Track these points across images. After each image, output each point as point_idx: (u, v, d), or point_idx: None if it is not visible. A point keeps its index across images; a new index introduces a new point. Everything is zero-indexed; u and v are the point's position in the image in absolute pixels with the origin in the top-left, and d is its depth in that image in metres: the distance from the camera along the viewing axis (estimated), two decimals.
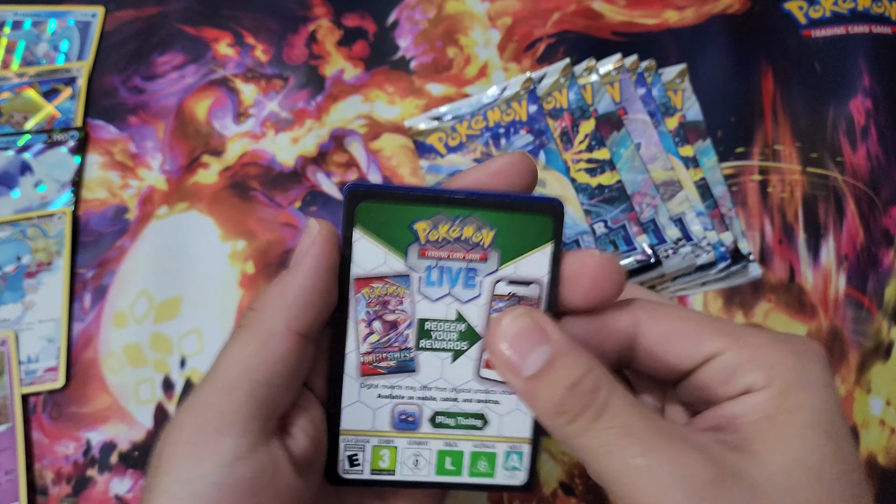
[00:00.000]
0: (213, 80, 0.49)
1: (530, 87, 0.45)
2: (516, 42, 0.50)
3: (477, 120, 0.45)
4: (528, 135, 0.44)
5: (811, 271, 0.43)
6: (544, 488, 0.38)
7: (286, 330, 0.22)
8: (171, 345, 0.42)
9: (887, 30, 0.49)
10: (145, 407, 0.41)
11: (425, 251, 0.23)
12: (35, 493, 0.39)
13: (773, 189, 0.45)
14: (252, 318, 0.22)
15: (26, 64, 0.50)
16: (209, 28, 0.51)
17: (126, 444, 0.40)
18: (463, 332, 0.24)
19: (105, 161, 0.47)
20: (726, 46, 0.49)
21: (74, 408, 0.41)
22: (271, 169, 0.46)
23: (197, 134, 0.48)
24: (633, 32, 0.50)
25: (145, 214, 0.45)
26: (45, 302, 0.42)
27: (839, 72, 0.48)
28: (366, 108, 0.48)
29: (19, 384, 0.40)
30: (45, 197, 0.45)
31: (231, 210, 0.45)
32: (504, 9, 0.51)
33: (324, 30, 0.51)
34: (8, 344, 0.41)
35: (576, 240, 0.40)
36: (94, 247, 0.44)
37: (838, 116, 0.46)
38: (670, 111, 0.45)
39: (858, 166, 0.45)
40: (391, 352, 0.24)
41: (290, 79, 0.49)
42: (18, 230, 0.44)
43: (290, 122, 0.48)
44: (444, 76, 0.49)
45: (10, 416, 0.40)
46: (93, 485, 0.39)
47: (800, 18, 0.50)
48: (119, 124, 0.48)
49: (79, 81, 0.49)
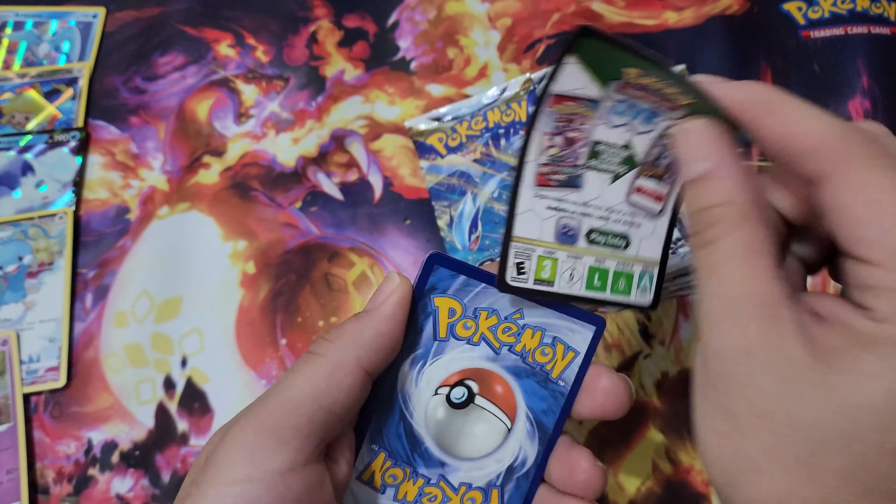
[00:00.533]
0: (213, 80, 0.49)
1: (530, 88, 0.45)
2: (516, 43, 0.50)
3: (477, 120, 0.45)
4: None
5: None
6: None
7: (356, 365, 0.24)
8: (172, 344, 0.42)
9: (886, 30, 0.49)
10: (146, 406, 0.41)
11: (624, 88, 0.24)
12: (36, 493, 0.39)
13: None
14: (325, 348, 0.24)
15: (28, 64, 0.50)
16: (210, 29, 0.51)
17: (127, 443, 0.40)
18: (626, 158, 0.26)
19: (106, 161, 0.47)
20: (725, 47, 0.49)
21: (76, 407, 0.41)
22: (272, 169, 0.46)
23: (198, 134, 0.48)
24: (633, 33, 0.50)
25: (146, 214, 0.45)
26: (47, 302, 0.42)
27: (838, 72, 0.48)
28: (366, 109, 0.48)
29: (21, 384, 0.40)
30: (47, 197, 0.46)
31: (232, 210, 0.45)
32: (504, 10, 0.51)
33: (324, 30, 0.51)
34: (9, 343, 0.41)
35: None
36: (96, 247, 0.44)
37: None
38: None
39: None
40: (564, 166, 0.26)
41: (291, 79, 0.49)
42: (20, 230, 0.44)
43: (290, 123, 0.48)
44: (445, 77, 0.49)
45: (12, 416, 0.40)
46: (94, 484, 0.39)
47: (798, 19, 0.50)
48: (120, 125, 0.48)
49: (80, 82, 0.49)
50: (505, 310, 0.28)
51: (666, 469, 0.39)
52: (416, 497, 0.28)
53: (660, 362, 0.41)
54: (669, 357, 0.41)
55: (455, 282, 0.27)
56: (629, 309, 0.30)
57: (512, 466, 0.28)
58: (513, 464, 0.28)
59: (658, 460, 0.39)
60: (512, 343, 0.28)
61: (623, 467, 0.39)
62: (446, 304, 0.28)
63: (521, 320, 0.28)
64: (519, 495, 0.28)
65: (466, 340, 0.28)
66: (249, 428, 0.23)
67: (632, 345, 0.41)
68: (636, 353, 0.41)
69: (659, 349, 0.41)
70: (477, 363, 0.28)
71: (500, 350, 0.28)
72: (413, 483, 0.28)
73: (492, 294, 0.28)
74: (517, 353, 0.28)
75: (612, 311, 0.41)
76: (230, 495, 0.21)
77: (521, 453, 0.28)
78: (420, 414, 0.28)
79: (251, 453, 0.22)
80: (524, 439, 0.28)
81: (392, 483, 0.28)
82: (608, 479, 0.30)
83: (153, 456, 0.40)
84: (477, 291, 0.28)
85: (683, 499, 0.38)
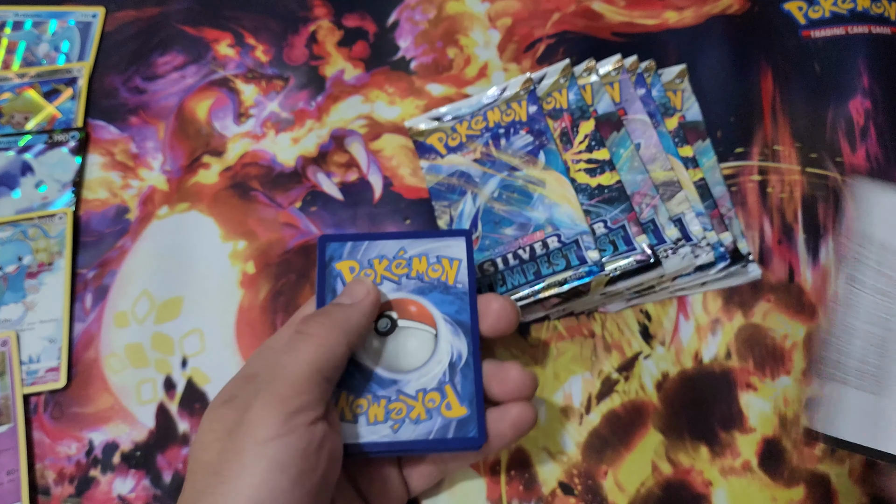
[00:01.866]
0: (213, 80, 0.49)
1: (530, 88, 0.45)
2: (516, 43, 0.50)
3: (477, 120, 0.45)
4: (527, 135, 0.44)
5: (810, 271, 0.43)
6: (543, 488, 0.38)
7: (346, 346, 0.31)
8: (173, 345, 0.42)
9: (886, 30, 0.49)
10: (147, 407, 0.41)
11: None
12: (37, 494, 0.39)
13: (772, 189, 0.45)
14: (317, 328, 0.31)
15: (27, 64, 0.50)
16: (210, 28, 0.51)
17: (128, 443, 0.40)
18: None
19: (106, 161, 0.47)
20: (726, 47, 0.49)
21: (76, 408, 0.41)
22: (272, 169, 0.46)
23: (197, 134, 0.48)
24: (633, 33, 0.50)
25: (146, 214, 0.45)
26: (47, 302, 0.42)
27: (838, 72, 0.48)
28: (366, 109, 0.48)
29: (21, 384, 0.40)
30: (46, 197, 0.46)
31: (232, 210, 0.45)
32: (504, 9, 0.51)
33: (324, 30, 0.51)
34: (9, 344, 0.41)
35: (575, 240, 0.40)
36: (95, 247, 0.44)
37: (837, 117, 0.47)
38: (670, 111, 0.45)
39: (858, 167, 0.45)
40: None
41: (291, 79, 0.49)
42: (19, 230, 0.44)
43: (290, 123, 0.48)
44: (445, 77, 0.49)
45: (12, 417, 0.40)
46: (96, 485, 0.39)
47: (799, 19, 0.50)
48: (120, 125, 0.48)
49: (79, 82, 0.49)
50: (390, 252, 0.36)
51: (666, 469, 0.39)
52: (385, 416, 0.32)
53: (660, 363, 0.41)
54: (669, 357, 0.41)
55: (345, 248, 0.36)
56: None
57: (452, 362, 0.34)
58: (451, 360, 0.34)
59: (658, 461, 0.39)
60: (407, 272, 0.35)
61: (623, 467, 0.39)
62: (346, 265, 0.35)
63: (406, 254, 0.36)
64: (468, 382, 0.33)
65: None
66: (272, 396, 0.28)
67: (632, 345, 0.41)
68: (636, 354, 0.41)
69: (659, 349, 0.41)
70: (388, 296, 0.35)
71: (400, 280, 0.35)
72: (378, 405, 0.33)
73: (376, 246, 0.36)
74: (414, 278, 0.35)
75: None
76: (274, 446, 0.27)
77: (453, 350, 0.34)
78: (361, 350, 0.34)
79: (281, 414, 0.27)
80: (451, 338, 0.34)
81: (361, 412, 0.32)
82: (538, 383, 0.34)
83: (154, 456, 0.40)
84: (364, 247, 0.36)
85: (683, 499, 0.38)
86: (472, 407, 0.33)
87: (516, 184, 0.42)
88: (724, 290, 0.43)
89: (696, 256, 0.40)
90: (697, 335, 0.41)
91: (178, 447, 0.40)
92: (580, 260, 0.39)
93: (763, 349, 0.41)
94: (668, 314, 0.42)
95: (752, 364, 0.41)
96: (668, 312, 0.42)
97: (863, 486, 0.38)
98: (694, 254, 0.40)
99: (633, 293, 0.42)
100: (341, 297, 0.34)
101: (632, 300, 0.42)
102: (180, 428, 0.40)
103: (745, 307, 0.42)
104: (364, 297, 0.33)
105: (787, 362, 0.41)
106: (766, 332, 0.41)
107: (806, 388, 0.40)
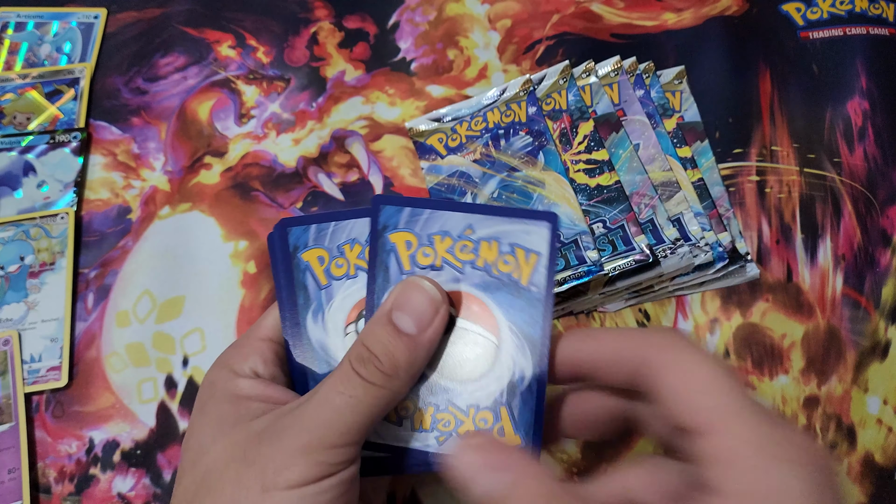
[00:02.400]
0: (214, 81, 0.49)
1: (530, 89, 0.45)
2: (516, 44, 0.50)
3: (477, 121, 0.45)
4: (527, 136, 0.44)
5: (808, 271, 0.43)
6: None
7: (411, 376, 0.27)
8: (174, 344, 0.42)
9: (884, 31, 0.49)
10: (148, 406, 0.41)
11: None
12: (38, 492, 0.39)
13: (770, 189, 0.45)
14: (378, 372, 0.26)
15: (29, 65, 0.50)
16: (211, 30, 0.51)
17: (129, 442, 0.40)
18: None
19: (108, 162, 0.47)
20: (724, 48, 0.49)
21: (77, 407, 0.41)
22: (273, 169, 0.47)
23: (199, 135, 0.48)
24: (632, 34, 0.50)
25: (148, 215, 0.45)
26: (48, 301, 0.43)
27: (837, 73, 0.48)
28: (367, 110, 0.48)
29: (22, 383, 0.41)
30: (48, 197, 0.46)
31: (233, 210, 0.46)
32: (504, 11, 0.51)
33: (325, 31, 0.51)
34: (11, 343, 0.41)
35: (574, 239, 0.40)
36: (97, 247, 0.45)
37: (836, 117, 0.47)
38: (668, 112, 0.46)
39: (856, 167, 0.45)
40: None
41: (292, 80, 0.49)
42: (21, 230, 0.44)
43: (291, 123, 0.48)
44: (445, 78, 0.49)
45: (14, 415, 0.40)
46: (96, 483, 0.39)
47: (797, 20, 0.50)
48: (121, 125, 0.48)
49: (81, 83, 0.49)
50: (455, 228, 0.28)
51: None
52: (432, 424, 0.28)
53: None
54: None
55: (402, 215, 0.28)
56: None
57: (512, 382, 0.28)
58: (512, 379, 0.28)
59: None
60: (472, 259, 0.28)
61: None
62: (402, 238, 0.28)
63: (474, 235, 0.28)
64: (528, 410, 0.27)
65: (429, 268, 0.28)
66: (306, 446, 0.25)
67: None
68: None
69: None
70: (446, 287, 0.28)
71: (464, 269, 0.28)
72: (424, 411, 0.28)
73: (439, 218, 0.28)
74: (480, 269, 0.28)
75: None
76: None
77: (516, 368, 0.28)
78: None
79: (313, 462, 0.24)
80: (515, 353, 0.28)
81: (406, 415, 0.28)
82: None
83: (155, 455, 0.40)
84: (425, 218, 0.28)
85: None
86: (529, 439, 0.27)
87: (516, 184, 0.43)
88: (723, 290, 0.43)
89: (694, 256, 0.40)
90: (696, 334, 0.42)
91: (179, 446, 0.40)
92: (579, 260, 0.40)
93: (761, 348, 0.41)
94: (667, 314, 0.42)
95: (751, 363, 0.41)
96: (667, 312, 0.42)
97: (861, 485, 0.38)
98: (692, 254, 0.40)
99: (632, 293, 0.42)
100: (399, 318, 0.26)
101: (630, 300, 0.42)
102: (181, 427, 0.40)
103: (744, 307, 0.42)
104: (430, 323, 0.26)
105: (786, 361, 0.41)
106: (764, 331, 0.42)
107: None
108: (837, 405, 0.40)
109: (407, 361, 0.26)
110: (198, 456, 0.26)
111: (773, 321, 0.42)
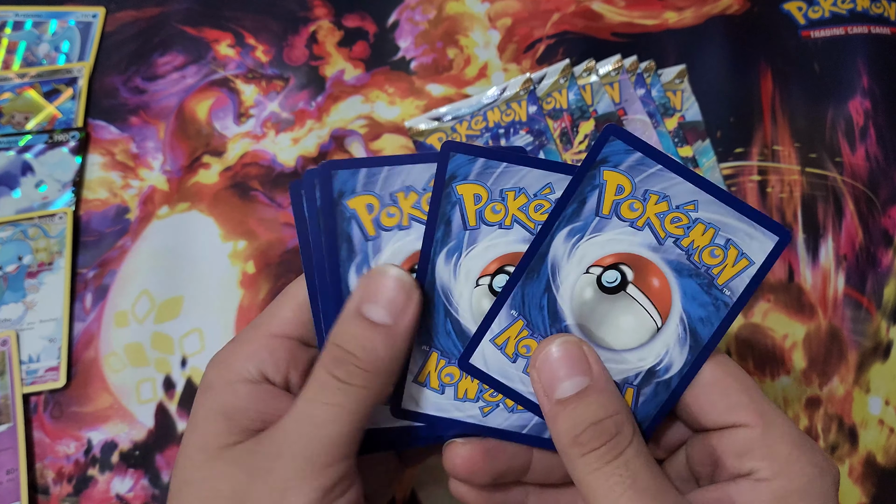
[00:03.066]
0: (213, 80, 0.49)
1: (530, 88, 0.45)
2: (516, 43, 0.50)
3: (477, 120, 0.45)
4: (527, 135, 0.44)
5: (810, 271, 0.43)
6: None
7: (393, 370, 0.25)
8: (173, 344, 0.42)
9: (886, 30, 0.49)
10: (146, 406, 0.41)
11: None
12: (36, 493, 0.39)
13: (772, 189, 0.45)
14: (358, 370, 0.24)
15: (27, 64, 0.50)
16: (210, 29, 0.51)
17: (127, 443, 0.40)
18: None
19: (106, 161, 0.47)
20: (725, 47, 0.49)
21: (75, 407, 0.41)
22: (272, 169, 0.46)
23: (198, 134, 0.48)
24: (633, 33, 0.50)
25: (146, 214, 0.45)
26: (47, 302, 0.42)
27: (838, 72, 0.48)
28: (366, 109, 0.48)
29: (20, 384, 0.40)
30: (47, 197, 0.46)
31: (232, 210, 0.45)
32: (504, 10, 0.51)
33: (324, 30, 0.51)
34: (9, 343, 0.41)
35: None
36: (96, 247, 0.44)
37: (837, 117, 0.47)
38: (669, 112, 0.45)
39: (857, 167, 0.45)
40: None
41: (291, 79, 0.49)
42: (20, 230, 0.44)
43: (290, 123, 0.48)
44: (445, 77, 0.49)
45: (12, 416, 0.40)
46: (94, 484, 0.39)
47: (799, 19, 0.50)
48: (120, 125, 0.48)
49: (80, 82, 0.49)
50: (678, 197, 0.25)
51: None
52: (478, 394, 0.26)
53: None
54: None
55: (475, 166, 0.26)
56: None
57: (653, 369, 0.25)
58: (655, 366, 0.25)
59: None
60: (680, 236, 0.25)
61: None
62: (470, 191, 0.26)
63: (695, 213, 0.25)
64: (655, 403, 0.25)
65: (631, 223, 0.25)
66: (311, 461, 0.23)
67: None
68: None
69: None
70: (636, 249, 0.25)
71: (665, 241, 0.25)
72: (472, 380, 0.26)
73: (516, 173, 0.26)
74: (683, 248, 0.25)
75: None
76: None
77: (666, 357, 0.25)
78: (565, 291, 0.26)
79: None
80: (673, 344, 0.25)
81: (450, 382, 0.26)
82: None
83: (153, 456, 0.40)
84: (500, 172, 0.26)
85: None
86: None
87: None
88: None
89: None
90: None
91: (177, 447, 0.40)
92: None
93: (763, 349, 0.41)
94: None
95: (752, 364, 0.41)
96: None
97: (863, 485, 0.38)
98: None
99: None
100: (370, 309, 0.24)
101: None
102: (179, 427, 0.40)
103: (745, 307, 0.42)
104: (404, 309, 0.24)
105: (787, 362, 0.41)
106: (765, 331, 0.41)
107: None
108: (839, 406, 0.40)
109: (388, 354, 0.24)
110: (183, 485, 0.24)
111: (774, 321, 0.42)
